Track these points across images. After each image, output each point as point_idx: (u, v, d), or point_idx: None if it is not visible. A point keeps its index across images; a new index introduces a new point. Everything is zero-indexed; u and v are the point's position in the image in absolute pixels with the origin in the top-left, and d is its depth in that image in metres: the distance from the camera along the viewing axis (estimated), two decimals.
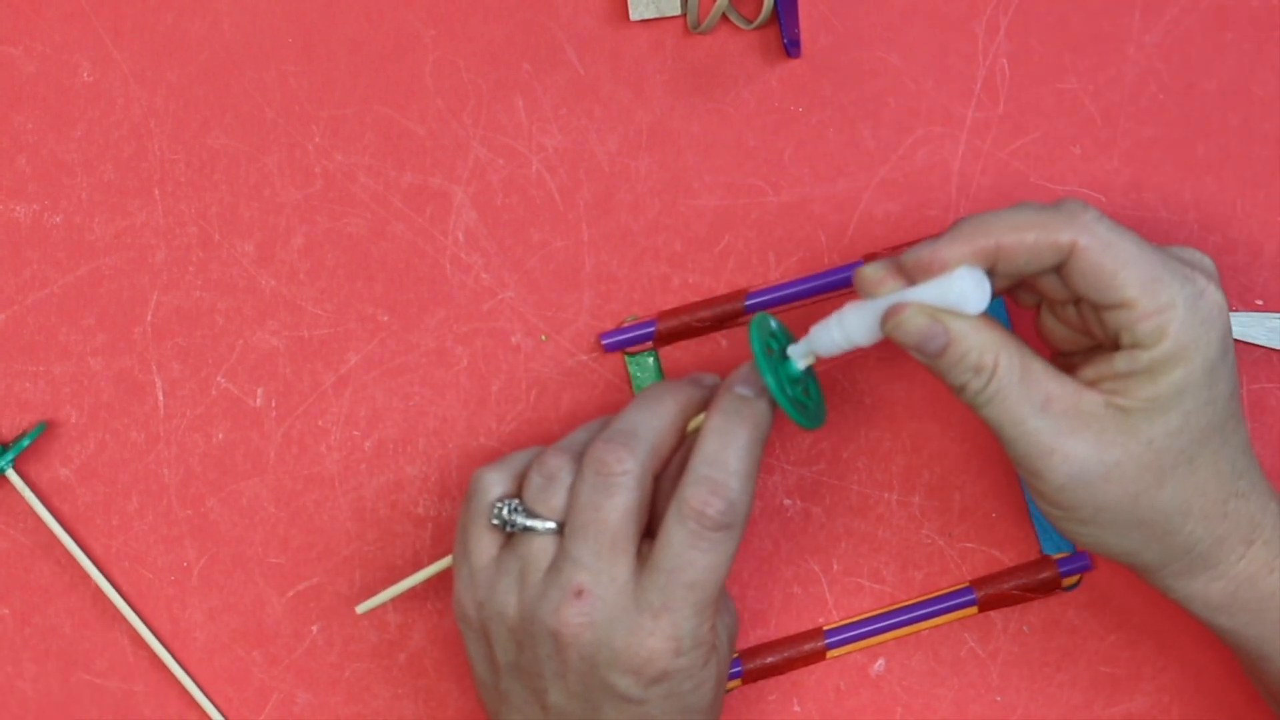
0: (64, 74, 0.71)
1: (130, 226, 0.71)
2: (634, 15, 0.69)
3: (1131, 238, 0.59)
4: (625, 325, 0.68)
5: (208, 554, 0.71)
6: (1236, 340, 0.69)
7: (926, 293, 0.59)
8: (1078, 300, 0.61)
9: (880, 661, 0.70)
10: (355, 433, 0.70)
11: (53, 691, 0.71)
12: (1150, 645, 0.69)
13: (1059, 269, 0.59)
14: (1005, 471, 0.69)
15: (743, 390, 0.61)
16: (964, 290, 0.59)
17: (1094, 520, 0.59)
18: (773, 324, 0.62)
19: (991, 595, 0.68)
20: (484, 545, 0.62)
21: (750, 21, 0.69)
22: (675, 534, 0.60)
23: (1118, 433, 0.59)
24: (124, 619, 0.71)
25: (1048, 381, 0.59)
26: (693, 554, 0.59)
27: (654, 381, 0.68)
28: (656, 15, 0.70)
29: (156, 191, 0.71)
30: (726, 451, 0.61)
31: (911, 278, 0.60)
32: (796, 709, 0.70)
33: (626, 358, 0.68)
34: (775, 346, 0.61)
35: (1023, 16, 0.69)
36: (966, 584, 0.68)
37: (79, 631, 0.71)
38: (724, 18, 0.69)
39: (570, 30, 0.70)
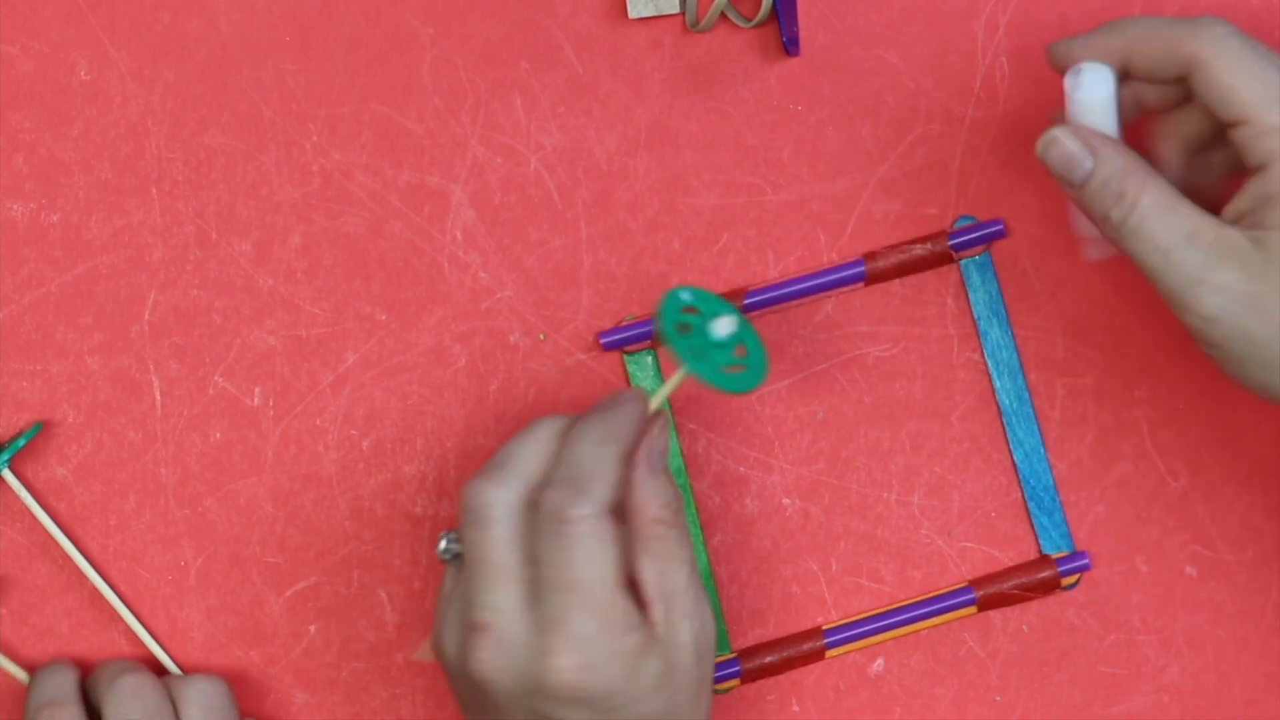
0: (61, 72, 0.71)
1: (128, 225, 0.71)
2: (632, 13, 0.70)
3: (1261, 57, 0.60)
4: (623, 324, 0.68)
5: (205, 553, 0.71)
6: None
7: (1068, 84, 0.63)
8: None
9: (879, 661, 0.70)
10: (353, 432, 0.70)
11: None
12: (1150, 645, 0.70)
13: (1190, 86, 0.61)
14: (1004, 470, 0.70)
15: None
16: (1077, 82, 0.62)
17: (1248, 358, 0.59)
18: (685, 296, 0.62)
19: (991, 595, 0.68)
20: (445, 579, 0.63)
21: (749, 20, 0.69)
22: (543, 542, 0.60)
23: (1260, 264, 0.59)
24: (121, 619, 0.71)
25: (1193, 214, 0.60)
26: (560, 554, 0.59)
27: (635, 389, 0.69)
28: (655, 13, 0.70)
29: (154, 190, 0.71)
30: (576, 451, 0.61)
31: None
32: (795, 709, 0.70)
33: (625, 356, 0.69)
34: (695, 322, 0.61)
35: (1022, 15, 0.70)
36: (966, 584, 0.68)
37: (76, 632, 0.71)
38: (723, 16, 0.70)
39: (568, 29, 0.70)
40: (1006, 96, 0.70)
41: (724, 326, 0.61)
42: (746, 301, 0.68)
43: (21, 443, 0.69)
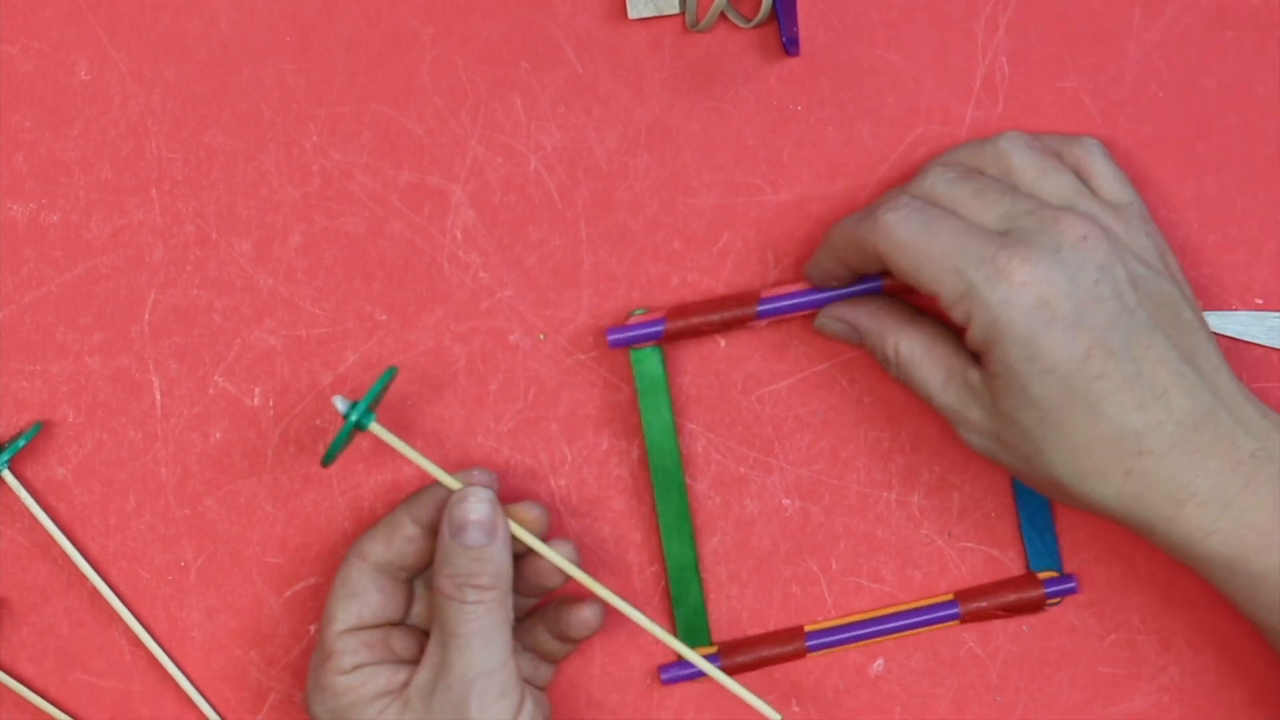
0: (61, 72, 0.71)
1: (128, 225, 0.71)
2: (632, 13, 0.70)
3: (934, 230, 0.62)
4: (633, 320, 0.69)
5: (205, 553, 0.71)
6: (1237, 340, 0.70)
7: None
8: None
9: (879, 661, 0.70)
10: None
11: (50, 692, 0.72)
12: (1150, 645, 0.70)
13: None
14: (1004, 471, 0.69)
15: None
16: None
17: (1025, 478, 0.64)
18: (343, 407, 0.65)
19: (974, 610, 0.69)
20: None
21: (749, 20, 0.69)
22: None
23: (992, 405, 0.63)
24: (121, 619, 0.71)
25: (949, 359, 0.64)
26: None
27: (655, 389, 0.70)
28: (655, 13, 0.70)
29: (154, 190, 0.71)
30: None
31: None
32: (795, 709, 0.70)
33: (632, 353, 0.69)
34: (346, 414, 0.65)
35: (1022, 14, 0.70)
36: (952, 596, 0.69)
37: (76, 631, 0.71)
38: (722, 16, 0.70)
39: (568, 29, 0.70)
40: (1007, 96, 0.70)
41: (339, 402, 0.65)
42: (760, 309, 0.68)
43: (21, 443, 0.70)
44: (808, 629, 0.69)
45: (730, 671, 0.68)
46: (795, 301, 0.68)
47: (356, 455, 0.70)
